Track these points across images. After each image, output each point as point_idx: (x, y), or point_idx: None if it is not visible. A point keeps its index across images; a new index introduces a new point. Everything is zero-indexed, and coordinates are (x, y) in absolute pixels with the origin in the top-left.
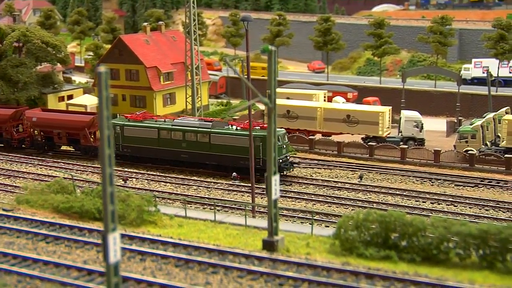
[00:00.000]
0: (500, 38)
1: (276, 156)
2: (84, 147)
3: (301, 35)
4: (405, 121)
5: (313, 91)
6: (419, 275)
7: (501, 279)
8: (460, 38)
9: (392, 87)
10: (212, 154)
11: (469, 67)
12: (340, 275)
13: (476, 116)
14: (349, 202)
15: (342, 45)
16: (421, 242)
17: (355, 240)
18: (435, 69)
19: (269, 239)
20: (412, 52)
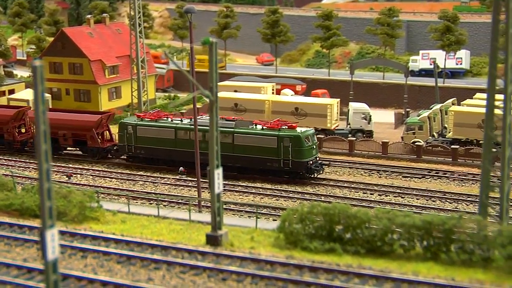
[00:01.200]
0: (446, 29)
1: (219, 150)
2: (91, 148)
3: (250, 28)
4: (353, 113)
5: (261, 84)
6: (363, 267)
7: (445, 270)
8: (407, 30)
9: (341, 79)
10: (235, 156)
11: (416, 59)
12: (284, 269)
13: (424, 107)
14: (297, 195)
15: (291, 37)
16: (365, 234)
17: (300, 233)
18: (383, 61)
19: (212, 234)
20: (360, 44)
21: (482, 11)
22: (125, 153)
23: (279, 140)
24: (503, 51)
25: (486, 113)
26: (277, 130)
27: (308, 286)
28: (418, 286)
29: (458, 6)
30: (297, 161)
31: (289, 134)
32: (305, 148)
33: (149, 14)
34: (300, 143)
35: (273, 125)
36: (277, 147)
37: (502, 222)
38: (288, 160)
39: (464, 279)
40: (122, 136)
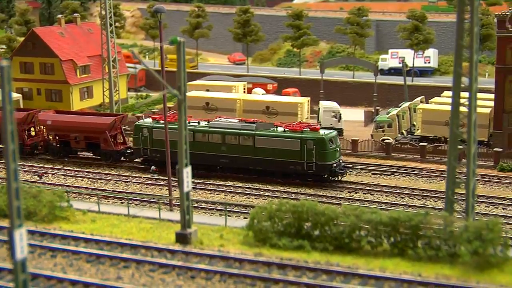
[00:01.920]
0: (415, 29)
1: (187, 149)
2: (105, 152)
3: (221, 27)
4: (323, 112)
5: (232, 83)
6: (331, 264)
7: (412, 266)
8: (377, 29)
9: (311, 78)
10: (256, 159)
11: (386, 58)
12: (253, 266)
13: (393, 105)
14: (268, 193)
15: (262, 37)
16: (333, 231)
17: (269, 230)
18: (352, 59)
19: (182, 232)
20: (331, 43)
21: (450, 10)
22: (140, 156)
23: (303, 143)
24: (468, 49)
25: (452, 111)
26: (300, 132)
27: (276, 283)
28: (385, 282)
29: (426, 5)
30: (321, 164)
31: (313, 137)
32: (329, 151)
33: (120, 14)
34: (324, 145)
35: (295, 127)
36: (300, 149)
37: (468, 218)
38: (312, 163)
39: (430, 275)
40: (137, 139)
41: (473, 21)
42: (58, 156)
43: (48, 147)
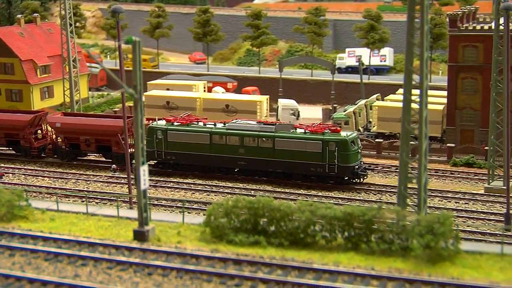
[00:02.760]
0: (371, 28)
1: (144, 146)
2: (116, 154)
3: (182, 27)
4: (282, 110)
5: (193, 82)
6: (286, 259)
7: (365, 260)
8: (334, 29)
9: (271, 77)
10: (276, 161)
11: (343, 57)
12: (209, 262)
13: (350, 103)
14: (227, 189)
15: (221, 36)
16: (289, 226)
17: (225, 227)
18: (310, 58)
19: (139, 229)
20: (290, 43)
21: (404, 10)
22: (154, 159)
23: (324, 145)
24: (418, 47)
25: (403, 107)
26: (321, 134)
27: (232, 278)
28: (338, 276)
29: (381, 6)
30: (344, 166)
31: (335, 138)
32: (352, 153)
33: (81, 14)
34: (347, 147)
35: (316, 129)
36: (322, 151)
37: (420, 212)
38: (334, 165)
39: (383, 268)
40: (151, 142)
41: (424, 20)
42: (66, 159)
43: (57, 150)
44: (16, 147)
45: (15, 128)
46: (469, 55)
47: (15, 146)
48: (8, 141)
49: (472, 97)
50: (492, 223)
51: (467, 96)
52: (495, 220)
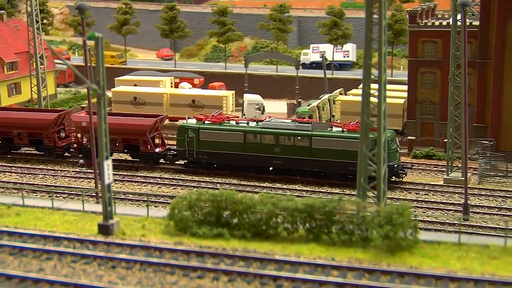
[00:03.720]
0: (334, 24)
1: (107, 141)
2: (144, 154)
3: (149, 24)
4: (247, 104)
5: (160, 78)
6: (248, 251)
7: (326, 250)
8: (299, 25)
9: (237, 72)
10: (313, 160)
11: (308, 52)
12: (172, 255)
13: (314, 97)
14: (193, 183)
15: (188, 33)
16: (251, 218)
17: (189, 219)
18: (275, 54)
19: (104, 223)
20: (255, 39)
21: None
22: (185, 158)
23: None
24: (376, 42)
25: (362, 101)
26: None
27: (194, 270)
28: (300, 267)
29: (344, 2)
30: None
31: (374, 137)
32: (392, 151)
33: (48, 11)
34: (387, 146)
35: (354, 127)
36: None
37: (379, 203)
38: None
39: (344, 259)
40: (182, 141)
41: (381, 15)
42: (91, 158)
43: (82, 150)
44: (40, 147)
45: (39, 127)
46: (428, 50)
47: (38, 146)
48: (31, 140)
49: (431, 91)
50: (451, 213)
51: (427, 90)
52: (453, 211)
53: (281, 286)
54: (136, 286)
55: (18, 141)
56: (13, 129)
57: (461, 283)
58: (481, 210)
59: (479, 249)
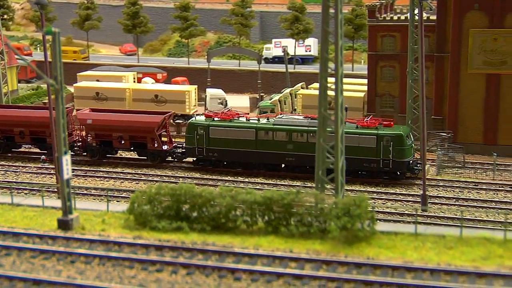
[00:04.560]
0: (295, 19)
1: (66, 137)
2: (152, 152)
3: (112, 19)
4: (210, 99)
5: (122, 73)
6: (207, 244)
7: (285, 243)
8: (261, 20)
9: (200, 67)
10: None
11: (270, 47)
12: (131, 249)
13: (276, 91)
14: (156, 178)
15: (151, 28)
16: (211, 212)
17: (149, 214)
18: (237, 49)
19: (63, 218)
20: (218, 34)
21: None
22: (194, 156)
23: (379, 139)
24: (333, 36)
25: (319, 94)
26: (375, 128)
27: (153, 264)
28: (258, 259)
29: None
30: (399, 161)
31: (390, 133)
32: (407, 147)
33: (9, 6)
34: (402, 142)
35: (369, 123)
36: (376, 146)
37: (337, 195)
38: (389, 160)
39: (302, 250)
40: (191, 138)
41: (337, 9)
42: (97, 156)
43: (87, 147)
44: (42, 145)
45: (41, 125)
46: (387, 44)
47: (42, 145)
48: (33, 139)
49: (390, 84)
50: (409, 204)
51: (386, 83)
52: (412, 202)
53: (239, 279)
54: (95, 280)
55: (20, 139)
56: (14, 128)
57: (417, 273)
58: (439, 200)
59: (435, 239)
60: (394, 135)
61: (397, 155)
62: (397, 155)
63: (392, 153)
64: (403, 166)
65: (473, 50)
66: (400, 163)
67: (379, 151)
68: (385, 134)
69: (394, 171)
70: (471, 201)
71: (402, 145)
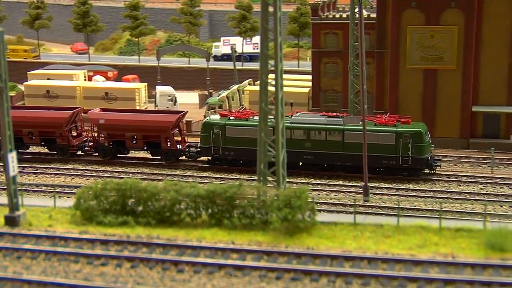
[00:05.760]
0: (243, 18)
1: (11, 134)
2: (166, 151)
3: (62, 18)
4: (160, 96)
5: (73, 71)
6: (152, 237)
7: (228, 235)
8: (210, 19)
9: (150, 65)
10: (345, 154)
11: (219, 45)
12: (77, 244)
13: (225, 88)
14: (107, 174)
15: (101, 27)
16: (156, 206)
17: (95, 209)
18: (186, 47)
19: (10, 215)
20: (168, 33)
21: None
22: (210, 155)
23: (398, 136)
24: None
25: (260, 90)
26: (394, 125)
27: (98, 258)
28: (201, 251)
29: None
30: (418, 157)
31: (409, 130)
32: (426, 144)
33: None
34: (422, 138)
35: (388, 120)
36: (395, 143)
37: (278, 187)
38: (408, 157)
39: (244, 242)
40: (207, 137)
41: (276, 6)
42: (108, 157)
43: (99, 147)
44: (51, 146)
45: (53, 126)
46: (330, 41)
47: (50, 144)
48: (43, 139)
49: (334, 80)
50: (352, 195)
51: (330, 79)
52: (355, 192)
53: (182, 271)
54: (41, 275)
55: (29, 140)
56: (23, 128)
57: (355, 261)
58: (380, 191)
59: (374, 228)
60: (414, 132)
61: (416, 151)
62: (416, 151)
63: (412, 150)
64: (422, 162)
65: (411, 47)
66: (419, 159)
67: (398, 148)
68: (405, 131)
69: (413, 168)
70: (410, 191)
71: (421, 141)
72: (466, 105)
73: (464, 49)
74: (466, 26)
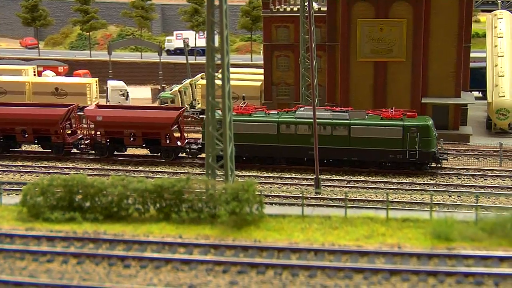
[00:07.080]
0: (195, 11)
1: None
2: (166, 148)
3: (10, 12)
4: (111, 91)
5: (22, 67)
6: (99, 233)
7: (176, 229)
8: (162, 13)
9: (102, 60)
10: (351, 149)
11: (171, 39)
12: (23, 241)
13: (178, 82)
14: (73, 170)
15: (51, 21)
16: (103, 201)
17: (42, 205)
18: (137, 41)
19: None
20: (120, 27)
21: None
22: None
23: (405, 131)
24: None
25: (207, 83)
26: (401, 119)
27: (44, 255)
28: (148, 246)
29: None
30: (425, 151)
31: (416, 124)
32: (433, 138)
33: None
34: (429, 132)
35: (394, 114)
36: (402, 137)
37: (226, 181)
38: (415, 151)
39: (192, 236)
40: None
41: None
42: (106, 154)
43: (96, 145)
44: (47, 144)
45: (47, 124)
46: (281, 34)
47: (44, 143)
48: (36, 137)
49: (286, 73)
50: (304, 188)
51: (282, 73)
52: (307, 185)
53: (128, 266)
54: None
55: (22, 138)
56: (16, 126)
57: (302, 253)
58: (332, 183)
59: (321, 220)
60: (421, 126)
61: (424, 145)
62: (423, 145)
63: (419, 144)
64: (429, 156)
65: (362, 39)
66: (426, 153)
67: (405, 142)
68: (412, 125)
69: (420, 162)
70: (361, 183)
71: (428, 135)
72: (415, 97)
73: (413, 42)
74: (415, 19)
